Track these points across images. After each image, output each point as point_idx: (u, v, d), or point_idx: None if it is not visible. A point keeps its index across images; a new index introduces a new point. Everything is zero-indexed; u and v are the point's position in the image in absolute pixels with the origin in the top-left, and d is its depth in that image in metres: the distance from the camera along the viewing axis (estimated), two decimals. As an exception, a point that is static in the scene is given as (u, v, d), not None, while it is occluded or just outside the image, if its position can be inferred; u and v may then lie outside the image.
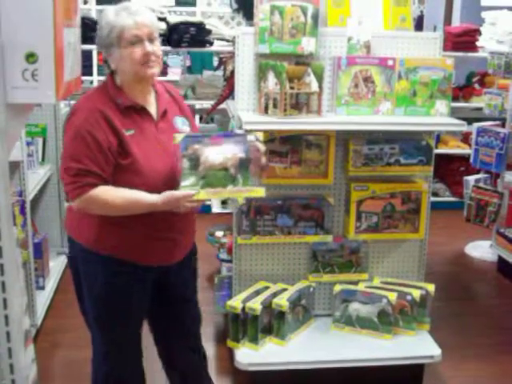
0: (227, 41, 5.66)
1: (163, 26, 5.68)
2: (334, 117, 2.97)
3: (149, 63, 2.16)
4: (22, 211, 3.37)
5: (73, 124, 2.13)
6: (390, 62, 2.98)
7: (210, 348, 3.46)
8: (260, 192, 2.24)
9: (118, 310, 2.31)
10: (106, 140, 2.10)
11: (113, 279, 2.26)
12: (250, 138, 2.28)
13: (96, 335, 2.41)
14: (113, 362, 2.41)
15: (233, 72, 3.24)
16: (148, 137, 2.20)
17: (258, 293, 3.10)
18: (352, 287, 3.20)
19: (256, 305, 2.97)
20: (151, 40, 2.17)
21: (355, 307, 3.16)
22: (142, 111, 2.22)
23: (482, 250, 5.17)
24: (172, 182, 2.18)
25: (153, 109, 2.26)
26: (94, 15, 6.82)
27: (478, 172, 5.25)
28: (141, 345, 2.47)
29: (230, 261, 3.38)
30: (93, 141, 2.09)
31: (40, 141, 4.22)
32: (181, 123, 2.33)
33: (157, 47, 2.20)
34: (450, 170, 6.32)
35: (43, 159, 4.27)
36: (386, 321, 3.11)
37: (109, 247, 2.23)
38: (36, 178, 3.91)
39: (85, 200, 2.12)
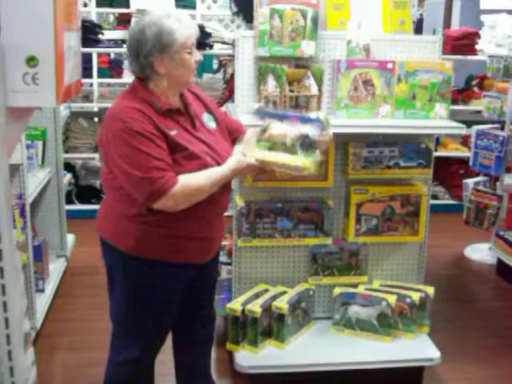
0: (227, 44, 5.67)
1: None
2: (333, 120, 2.96)
3: (194, 70, 2.24)
4: (22, 214, 3.37)
5: (118, 128, 2.09)
6: (390, 65, 2.99)
7: (209, 351, 3.47)
8: (310, 167, 2.32)
9: (157, 311, 2.35)
10: (159, 133, 2.11)
11: (153, 281, 2.28)
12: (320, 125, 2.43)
13: (124, 340, 2.41)
14: (138, 366, 2.43)
15: (233, 75, 3.25)
16: (190, 135, 2.23)
17: (257, 295, 3.11)
18: (351, 290, 3.20)
19: (256, 307, 2.97)
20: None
21: (355, 310, 3.16)
22: (179, 113, 2.24)
23: (481, 252, 5.17)
24: None
25: (183, 109, 2.29)
26: (93, 18, 6.83)
27: (477, 175, 5.25)
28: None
29: (229, 263, 3.38)
30: (151, 134, 2.09)
31: (40, 144, 4.22)
32: (207, 119, 2.36)
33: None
34: (449, 172, 6.33)
35: (43, 162, 4.27)
36: (386, 323, 3.12)
37: (151, 250, 2.24)
38: (36, 180, 3.91)
39: (173, 195, 2.10)
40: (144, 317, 2.34)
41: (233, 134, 2.48)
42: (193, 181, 2.14)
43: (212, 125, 2.37)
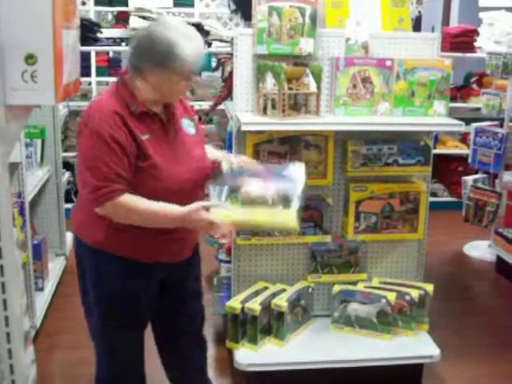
0: (225, 42, 5.67)
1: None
2: (332, 117, 2.97)
3: (182, 95, 2.27)
4: (21, 213, 3.37)
5: (90, 127, 2.10)
6: (388, 63, 2.99)
7: (209, 349, 3.46)
8: (293, 224, 2.18)
9: (127, 309, 2.31)
10: (127, 142, 2.10)
11: (121, 279, 2.27)
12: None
13: (100, 338, 2.40)
14: (117, 365, 2.41)
15: (231, 73, 3.25)
16: (162, 141, 2.21)
17: (257, 293, 3.11)
18: (351, 287, 3.21)
19: (255, 305, 2.98)
20: None
21: (354, 307, 3.17)
22: (154, 116, 2.22)
23: (480, 249, 5.17)
24: (195, 186, 2.26)
25: (163, 114, 2.26)
26: (92, 16, 6.82)
27: (476, 172, 5.25)
28: (143, 347, 2.48)
29: (228, 261, 3.39)
30: (116, 143, 2.08)
31: (39, 142, 4.22)
32: (186, 124, 2.34)
33: None
34: (448, 170, 6.33)
35: (42, 161, 4.27)
36: (385, 321, 3.12)
37: (118, 247, 2.23)
38: (35, 179, 3.91)
39: (113, 206, 2.09)
40: (115, 313, 2.31)
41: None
42: (139, 207, 2.11)
43: (191, 130, 2.35)
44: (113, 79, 7.36)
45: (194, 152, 2.30)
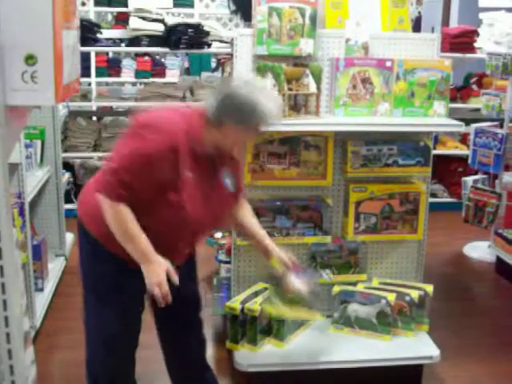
0: (225, 42, 5.67)
1: (161, 27, 5.69)
2: (332, 118, 2.97)
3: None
4: (21, 213, 3.37)
5: (146, 141, 2.12)
6: (388, 64, 2.99)
7: (209, 349, 3.44)
8: (318, 318, 2.96)
9: (113, 298, 2.34)
10: (164, 174, 2.14)
11: (110, 271, 2.31)
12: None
13: (92, 332, 2.43)
14: (114, 358, 2.43)
15: (231, 73, 3.25)
16: (202, 185, 2.24)
17: (256, 294, 3.11)
18: (351, 288, 3.21)
19: (255, 306, 2.97)
20: None
21: (354, 308, 3.17)
22: (208, 160, 2.26)
23: (480, 250, 5.17)
24: (204, 233, 2.46)
25: (214, 159, 2.30)
26: (92, 17, 6.83)
27: (476, 173, 5.25)
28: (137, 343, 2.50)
29: (228, 262, 3.39)
30: (153, 167, 2.11)
31: (38, 143, 4.22)
32: (230, 182, 2.38)
33: None
34: (448, 170, 6.33)
35: (42, 161, 4.27)
36: (385, 322, 3.12)
37: (112, 245, 2.25)
38: (34, 180, 3.91)
39: (109, 204, 2.14)
40: (101, 298, 2.37)
41: None
42: (127, 222, 2.16)
43: (231, 188, 2.39)
44: (112, 80, 7.39)
45: (226, 207, 2.39)
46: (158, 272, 2.20)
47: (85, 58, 6.65)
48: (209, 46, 5.69)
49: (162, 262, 2.21)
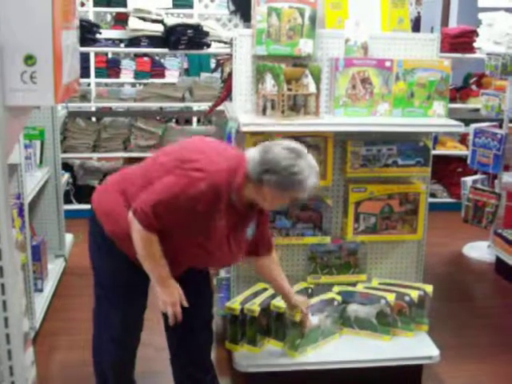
0: (225, 43, 5.67)
1: (160, 28, 5.69)
2: (331, 118, 2.97)
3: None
4: (20, 214, 3.37)
5: (192, 181, 2.19)
6: (388, 64, 2.99)
7: (208, 350, 3.46)
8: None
9: (123, 282, 2.43)
10: (199, 216, 2.22)
11: (121, 268, 2.40)
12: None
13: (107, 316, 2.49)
14: (121, 348, 2.52)
15: (230, 74, 3.25)
16: (228, 231, 2.32)
17: (256, 295, 3.11)
18: (350, 289, 3.20)
19: (254, 306, 2.97)
20: None
21: (354, 308, 3.16)
22: (240, 211, 2.32)
23: (479, 250, 5.17)
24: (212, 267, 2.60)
25: (244, 212, 2.37)
26: (91, 17, 6.83)
27: (475, 173, 5.25)
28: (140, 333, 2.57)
29: (228, 263, 3.38)
30: (189, 212, 2.20)
31: (38, 143, 4.21)
32: (250, 231, 2.47)
33: None
34: (447, 171, 6.33)
35: (41, 162, 4.27)
36: (385, 322, 3.12)
37: (124, 246, 2.33)
38: (34, 180, 3.90)
39: (139, 229, 2.22)
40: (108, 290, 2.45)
41: (257, 244, 2.58)
42: (152, 247, 2.26)
43: (250, 235, 2.47)
44: (111, 80, 7.39)
45: (242, 250, 2.46)
46: (174, 294, 2.33)
47: (84, 58, 6.65)
48: (208, 46, 5.69)
49: (176, 286, 2.34)
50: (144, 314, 2.54)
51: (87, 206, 2.50)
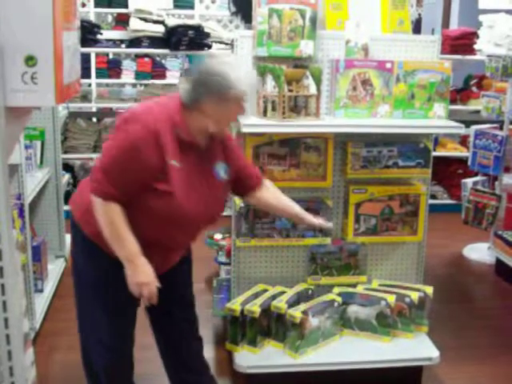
0: (225, 44, 5.68)
1: (161, 29, 5.69)
2: (332, 119, 2.97)
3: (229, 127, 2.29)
4: (21, 214, 3.37)
5: (130, 131, 2.14)
6: (388, 65, 2.99)
7: (208, 351, 3.45)
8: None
9: (106, 297, 2.35)
10: (151, 163, 2.13)
11: (104, 269, 2.32)
12: None
13: (94, 320, 2.43)
14: (110, 352, 2.43)
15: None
16: (192, 174, 2.23)
17: (256, 296, 3.11)
18: (351, 290, 3.20)
19: (255, 307, 2.97)
20: None
21: (354, 310, 3.17)
22: (196, 149, 2.25)
23: (480, 252, 5.17)
24: (200, 227, 2.35)
25: (204, 149, 2.30)
26: (92, 18, 6.83)
27: (475, 175, 5.25)
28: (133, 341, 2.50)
29: (228, 264, 3.39)
30: (140, 160, 2.12)
31: (38, 144, 4.22)
32: (222, 170, 2.37)
33: None
34: (448, 172, 6.33)
35: (41, 162, 4.27)
36: (385, 323, 3.12)
37: (105, 246, 2.25)
38: (34, 181, 3.91)
39: (99, 202, 2.15)
40: (97, 294, 2.38)
41: (243, 181, 2.51)
42: (114, 220, 2.16)
43: (222, 175, 2.37)
44: (112, 81, 7.39)
45: (217, 195, 2.35)
46: (146, 272, 2.21)
47: (85, 59, 6.65)
48: (209, 47, 5.69)
49: (148, 264, 2.21)
50: (135, 314, 2.47)
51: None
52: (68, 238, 4.72)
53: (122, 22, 7.01)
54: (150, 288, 2.21)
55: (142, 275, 2.20)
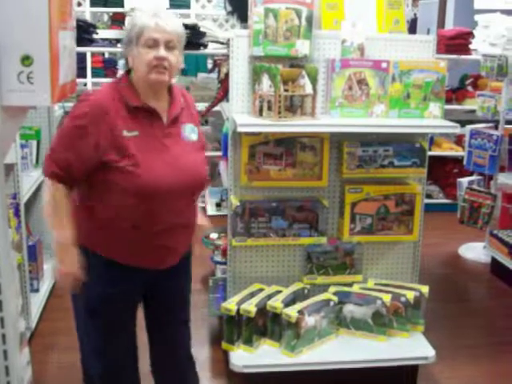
0: (221, 43, 5.67)
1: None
2: (328, 119, 2.98)
3: (159, 68, 2.13)
4: (17, 214, 3.37)
5: (75, 111, 2.15)
6: (384, 65, 2.99)
7: (204, 350, 3.46)
8: None
9: (107, 306, 2.29)
10: (96, 141, 2.09)
11: (101, 276, 2.24)
12: None
13: (88, 331, 2.38)
14: (106, 360, 2.37)
15: (227, 74, 3.26)
16: (153, 140, 2.17)
17: (252, 295, 3.11)
18: (346, 289, 3.21)
19: (251, 307, 2.98)
20: (169, 48, 2.15)
21: (350, 309, 3.17)
22: (152, 114, 2.19)
23: (475, 251, 5.19)
24: (182, 193, 2.21)
25: (164, 113, 2.23)
26: (88, 17, 6.82)
27: (471, 174, 5.27)
28: (134, 344, 2.45)
29: (224, 263, 3.39)
30: (82, 139, 2.10)
31: (34, 143, 4.20)
32: (189, 130, 2.30)
33: (174, 56, 2.17)
34: (443, 172, 6.34)
35: (37, 162, 4.26)
36: (381, 322, 3.12)
37: (97, 245, 2.22)
38: (30, 180, 3.90)
39: (48, 186, 2.18)
40: (97, 309, 2.30)
41: None
42: (54, 200, 2.16)
43: (193, 137, 2.30)
44: (108, 80, 7.37)
45: (190, 157, 2.25)
46: (69, 262, 2.17)
47: (81, 58, 6.63)
48: (205, 46, 5.67)
49: (75, 257, 2.17)
50: (133, 324, 2.42)
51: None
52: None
53: (117, 21, 6.99)
54: (65, 279, 2.20)
55: (64, 265, 2.17)
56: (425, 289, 3.24)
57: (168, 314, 2.48)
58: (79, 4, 6.82)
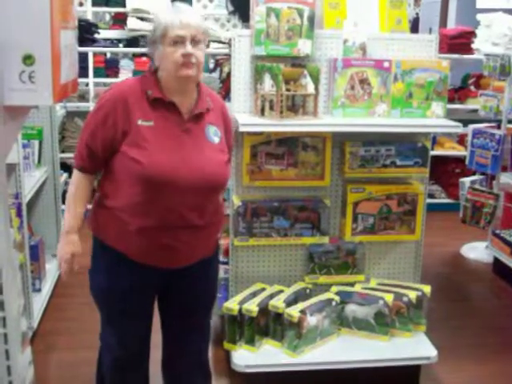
0: (223, 43, 5.67)
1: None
2: (330, 119, 2.97)
3: (188, 64, 2.15)
4: (19, 214, 3.37)
5: (99, 100, 2.20)
6: (386, 64, 2.99)
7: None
8: None
9: (115, 302, 2.31)
10: (116, 128, 2.14)
11: (111, 270, 2.28)
12: None
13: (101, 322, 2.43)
14: (115, 351, 2.40)
15: (229, 74, 3.25)
16: (167, 133, 2.18)
17: (254, 295, 3.11)
18: (348, 289, 3.20)
19: (253, 306, 2.97)
20: (195, 42, 2.17)
21: (352, 309, 3.17)
22: (171, 107, 2.20)
23: (477, 251, 5.18)
24: (198, 191, 2.19)
25: (186, 108, 2.23)
26: (89, 17, 6.82)
27: (473, 174, 5.26)
28: (145, 339, 2.46)
29: (226, 263, 3.38)
30: (104, 125, 2.15)
31: (36, 143, 4.20)
32: (211, 132, 2.28)
33: (200, 50, 2.20)
34: (445, 171, 6.34)
35: (39, 162, 4.26)
36: (383, 322, 3.12)
37: (108, 238, 2.25)
38: (32, 180, 3.90)
39: (74, 175, 2.27)
40: (104, 302, 2.36)
41: None
42: (72, 188, 2.26)
43: (214, 139, 2.28)
44: (110, 80, 7.37)
45: (205, 155, 2.22)
46: (67, 249, 2.25)
47: (82, 58, 6.61)
48: (207, 46, 5.68)
49: (74, 243, 2.26)
50: (147, 328, 2.44)
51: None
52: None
53: (119, 21, 6.98)
54: (63, 266, 2.26)
55: (61, 252, 2.26)
56: (427, 288, 3.23)
57: (180, 316, 2.48)
58: (81, 4, 6.81)
